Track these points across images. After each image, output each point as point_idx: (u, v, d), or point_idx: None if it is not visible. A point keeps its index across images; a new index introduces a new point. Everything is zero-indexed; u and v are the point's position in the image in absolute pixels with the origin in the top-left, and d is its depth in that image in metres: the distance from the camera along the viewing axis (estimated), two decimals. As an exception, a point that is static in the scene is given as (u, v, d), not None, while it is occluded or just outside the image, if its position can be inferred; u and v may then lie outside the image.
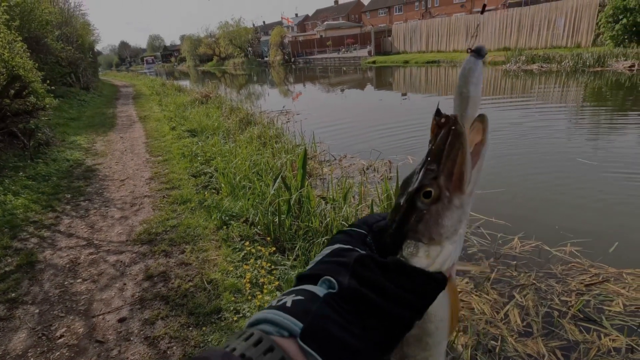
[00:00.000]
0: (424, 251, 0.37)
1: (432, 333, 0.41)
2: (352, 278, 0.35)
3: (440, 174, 0.38)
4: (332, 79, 21.98)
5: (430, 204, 0.38)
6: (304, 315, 0.32)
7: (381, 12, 52.19)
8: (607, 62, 13.44)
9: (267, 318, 0.32)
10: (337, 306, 0.33)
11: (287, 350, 0.30)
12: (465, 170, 0.38)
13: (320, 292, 0.34)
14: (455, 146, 0.38)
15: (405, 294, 0.34)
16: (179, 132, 7.55)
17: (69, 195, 4.64)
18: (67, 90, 13.93)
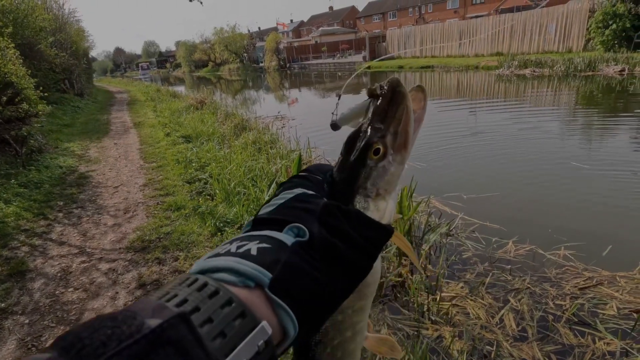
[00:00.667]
0: (373, 206, 0.39)
1: (369, 284, 0.43)
2: (321, 227, 0.34)
3: (387, 133, 0.39)
4: (327, 84, 22.09)
5: (378, 162, 0.39)
6: (274, 265, 0.29)
7: (375, 18, 52.69)
8: (598, 66, 13.64)
9: (230, 266, 0.29)
10: (307, 256, 0.32)
11: (251, 303, 0.27)
12: (409, 130, 0.40)
13: (288, 240, 0.32)
14: (400, 106, 0.40)
15: (366, 243, 0.35)
16: (173, 138, 7.52)
17: (61, 203, 4.59)
18: (60, 96, 13.86)
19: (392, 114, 0.39)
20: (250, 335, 0.25)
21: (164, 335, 0.21)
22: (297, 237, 0.33)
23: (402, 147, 0.40)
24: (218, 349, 0.23)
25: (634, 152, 5.53)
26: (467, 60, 20.83)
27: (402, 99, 0.40)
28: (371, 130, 0.40)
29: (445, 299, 2.61)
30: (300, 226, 0.33)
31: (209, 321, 0.24)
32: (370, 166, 0.39)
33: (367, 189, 0.39)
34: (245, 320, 0.26)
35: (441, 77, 18.28)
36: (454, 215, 3.80)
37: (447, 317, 2.46)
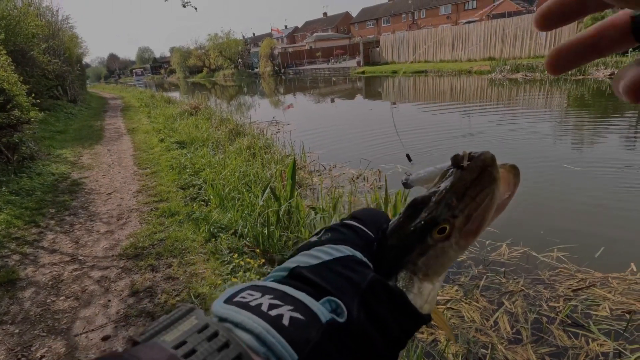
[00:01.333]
0: (417, 287, 0.35)
1: None
2: (361, 308, 0.30)
3: (460, 214, 0.35)
4: (322, 89, 22.17)
5: (439, 241, 0.35)
6: (303, 346, 0.26)
7: (369, 24, 53.19)
8: (588, 70, 13.86)
9: (259, 333, 0.26)
10: (339, 342, 0.29)
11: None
12: (486, 219, 0.35)
13: (323, 316, 0.29)
14: (485, 190, 0.34)
15: (401, 334, 0.32)
16: (167, 144, 7.49)
17: (53, 210, 4.54)
18: (53, 103, 13.77)
19: (472, 195, 0.34)
20: None
21: None
22: (333, 312, 0.30)
23: (470, 234, 0.36)
24: None
25: (625, 154, 5.61)
26: (460, 65, 21.06)
27: (490, 183, 0.34)
28: (443, 206, 0.35)
29: (440, 302, 2.61)
30: (339, 303, 0.30)
31: None
32: (429, 244, 0.35)
33: (417, 265, 0.35)
34: None
35: (435, 81, 18.44)
36: (448, 218, 3.81)
37: (442, 321, 2.46)
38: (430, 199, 0.36)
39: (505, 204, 0.37)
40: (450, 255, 0.36)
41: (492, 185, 0.34)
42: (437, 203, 0.35)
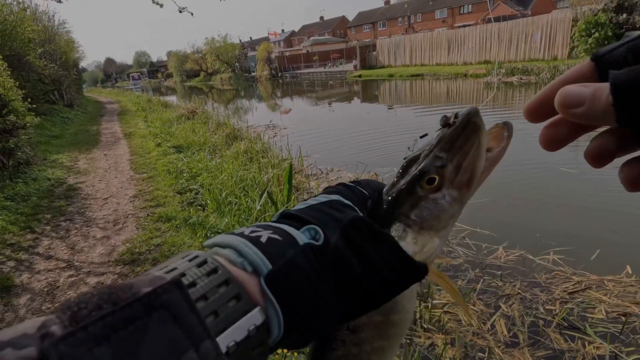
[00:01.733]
0: (411, 238, 0.35)
1: (396, 324, 0.39)
2: (341, 237, 0.32)
3: (449, 164, 0.35)
4: (319, 93, 22.24)
5: (430, 192, 0.35)
6: (277, 258, 0.28)
7: (366, 28, 53.50)
8: (582, 73, 13.98)
9: (235, 245, 0.29)
10: (315, 260, 0.30)
11: (246, 285, 0.27)
12: (476, 168, 0.36)
13: (301, 240, 0.31)
14: (471, 139, 0.35)
15: (387, 273, 0.32)
16: (164, 149, 7.48)
17: (49, 216, 4.52)
18: (49, 107, 13.72)
19: (459, 146, 0.35)
20: (243, 318, 0.25)
21: (158, 299, 0.22)
22: (313, 240, 0.31)
23: (462, 185, 0.36)
24: (210, 326, 0.23)
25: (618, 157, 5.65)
26: (455, 68, 21.20)
27: (475, 130, 0.35)
28: (431, 157, 0.36)
29: (437, 306, 2.62)
30: (318, 229, 0.32)
31: (204, 298, 0.24)
32: (420, 195, 0.35)
33: (409, 218, 0.36)
34: (240, 303, 0.25)
35: (431, 84, 18.55)
36: (444, 222, 3.82)
37: (439, 325, 2.46)
38: (420, 156, 0.37)
39: (498, 156, 0.38)
40: (444, 208, 0.35)
41: (477, 133, 0.35)
42: (425, 157, 0.36)
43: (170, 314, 0.21)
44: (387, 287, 0.32)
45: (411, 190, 0.36)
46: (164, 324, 0.21)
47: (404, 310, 0.38)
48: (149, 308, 0.21)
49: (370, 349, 0.38)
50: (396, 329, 0.39)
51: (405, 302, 0.38)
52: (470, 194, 0.37)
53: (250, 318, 0.25)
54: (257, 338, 0.26)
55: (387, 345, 0.39)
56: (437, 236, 0.36)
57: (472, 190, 0.36)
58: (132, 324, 0.20)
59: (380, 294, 0.32)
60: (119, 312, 0.20)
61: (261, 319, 0.26)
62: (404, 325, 0.39)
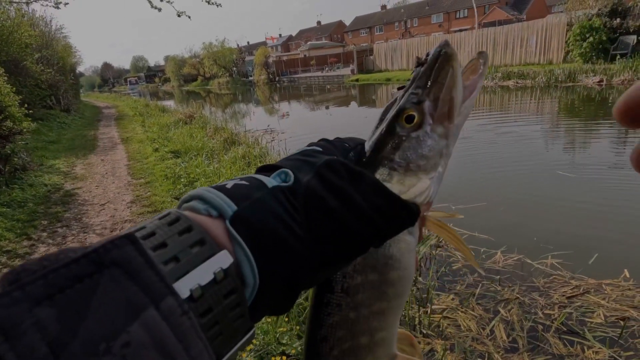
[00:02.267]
0: (397, 179, 0.33)
1: (394, 282, 0.36)
2: (314, 178, 0.30)
3: (426, 98, 0.33)
4: (316, 97, 22.31)
5: (411, 130, 0.33)
6: (243, 200, 0.27)
7: (363, 32, 53.81)
8: (577, 77, 14.09)
9: (199, 194, 0.28)
10: (284, 200, 0.28)
11: (211, 230, 0.25)
12: (454, 96, 0.34)
13: (270, 183, 0.29)
14: (444, 69, 0.33)
15: (371, 210, 0.29)
16: (162, 154, 7.46)
17: (45, 222, 4.49)
18: (46, 112, 13.68)
19: (434, 78, 0.33)
20: (207, 261, 0.24)
21: (108, 255, 0.20)
22: (283, 182, 0.29)
23: (444, 117, 0.34)
24: (168, 273, 0.22)
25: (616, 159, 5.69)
26: (452, 72, 21.32)
27: (447, 60, 0.33)
28: (407, 95, 0.34)
29: (436, 311, 2.61)
30: (288, 172, 0.30)
31: (163, 246, 0.23)
32: (401, 135, 0.33)
33: (393, 160, 0.33)
34: (204, 248, 0.24)
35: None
36: (443, 226, 3.83)
37: (438, 330, 2.46)
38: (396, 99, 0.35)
39: (475, 83, 0.36)
40: (429, 145, 0.34)
41: (449, 62, 0.33)
42: (402, 96, 0.35)
43: (123, 271, 0.20)
44: (373, 227, 0.30)
45: (391, 132, 0.34)
46: (116, 281, 0.19)
47: (401, 266, 0.35)
48: (98, 265, 0.19)
49: (368, 313, 0.36)
50: (395, 288, 0.36)
51: (402, 257, 0.35)
52: (454, 126, 0.35)
53: (216, 260, 0.24)
54: (227, 284, 0.24)
55: (386, 308, 0.37)
56: (426, 176, 0.34)
57: (455, 121, 0.35)
58: (80, 282, 0.19)
59: (365, 234, 0.29)
60: (63, 269, 0.19)
61: (229, 262, 0.24)
62: (403, 284, 0.37)
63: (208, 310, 0.23)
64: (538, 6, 38.64)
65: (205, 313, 0.23)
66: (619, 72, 13.20)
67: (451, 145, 0.35)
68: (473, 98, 0.36)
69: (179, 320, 0.20)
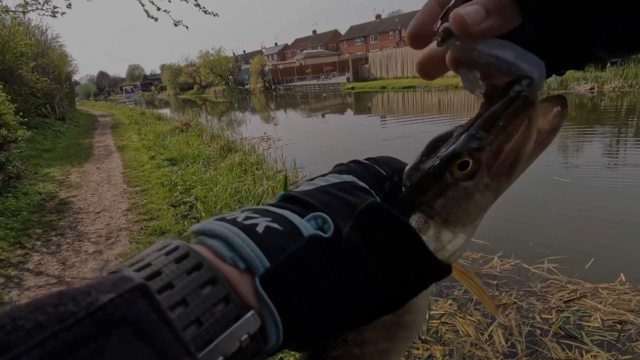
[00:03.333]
0: (434, 232, 0.30)
1: (407, 325, 0.34)
2: (355, 228, 0.26)
3: (487, 146, 0.28)
4: (312, 105, 22.43)
5: (461, 179, 0.29)
6: (276, 253, 0.23)
7: (358, 41, 54.42)
8: (569, 85, 14.34)
9: (225, 236, 0.23)
10: (322, 256, 0.25)
11: (238, 286, 0.22)
12: (522, 154, 0.29)
13: (306, 230, 0.25)
14: (519, 117, 0.28)
15: (408, 271, 0.27)
16: (158, 161, 7.44)
17: (39, 231, 4.44)
18: (41, 121, 13.62)
19: (503, 125, 0.28)
20: (233, 326, 0.21)
21: (118, 312, 0.17)
22: (320, 229, 0.26)
23: (501, 173, 0.30)
24: (190, 340, 0.18)
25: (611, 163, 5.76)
26: (447, 80, 21.58)
27: (525, 107, 0.28)
28: (466, 137, 0.29)
29: (435, 317, 2.61)
30: (326, 218, 0.26)
31: (183, 303, 0.19)
32: (448, 182, 0.29)
33: (433, 208, 0.30)
34: (229, 307, 0.21)
35: (423, 96, 18.83)
36: (440, 232, 3.84)
37: (437, 336, 2.45)
38: (452, 134, 0.31)
39: (548, 140, 0.31)
40: (476, 200, 0.30)
41: (528, 110, 0.28)
42: (459, 135, 0.29)
43: (134, 331, 0.17)
44: (405, 286, 0.27)
45: (438, 175, 0.29)
46: (126, 344, 0.16)
47: (417, 310, 0.34)
48: (106, 325, 0.16)
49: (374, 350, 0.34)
50: (406, 332, 0.34)
51: (419, 301, 0.33)
52: (508, 184, 0.31)
53: (243, 325, 0.21)
54: (251, 349, 0.21)
55: (393, 348, 0.35)
56: (463, 231, 0.31)
57: (511, 180, 0.31)
58: (84, 347, 0.16)
59: (397, 294, 0.27)
60: (63, 333, 0.16)
61: (256, 326, 0.21)
62: (415, 328, 0.35)
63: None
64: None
65: None
66: (610, 80, 13.46)
67: (496, 200, 0.32)
68: (537, 156, 0.31)
69: None
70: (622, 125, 8.48)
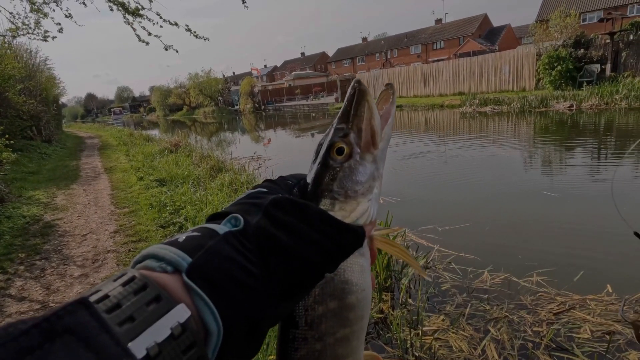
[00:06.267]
0: (339, 207, 0.37)
1: (354, 306, 0.37)
2: (263, 217, 0.31)
3: (350, 131, 0.38)
4: (302, 125, 22.67)
5: (343, 161, 0.38)
6: (196, 251, 0.28)
7: (345, 62, 55.76)
8: (549, 103, 14.87)
9: (152, 252, 0.28)
10: (237, 243, 0.29)
11: (168, 286, 0.25)
12: (374, 125, 0.39)
13: (222, 230, 0.30)
14: (361, 103, 0.39)
15: (320, 237, 0.31)
16: (146, 182, 7.37)
17: (23, 255, 4.31)
18: (27, 143, 13.42)
19: (354, 113, 0.38)
20: (163, 317, 0.23)
21: (60, 323, 0.19)
22: (234, 228, 0.31)
23: (369, 145, 0.39)
24: (124, 334, 0.21)
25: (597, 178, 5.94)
26: (432, 99, 22.16)
27: (362, 96, 0.39)
28: (334, 131, 0.39)
29: (428, 333, 2.60)
30: (238, 216, 0.31)
31: (117, 307, 0.22)
32: (335, 167, 0.38)
33: (333, 190, 0.37)
34: (160, 304, 0.24)
35: (410, 115, 19.26)
36: (430, 247, 3.87)
37: (430, 352, 2.44)
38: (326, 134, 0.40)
39: (389, 111, 0.42)
40: (361, 171, 0.38)
41: (364, 96, 0.39)
42: (328, 133, 0.39)
43: (77, 338, 0.19)
44: (325, 254, 0.32)
45: (326, 165, 0.38)
46: (70, 350, 0.18)
47: (358, 288, 0.37)
48: (50, 334, 0.19)
49: (333, 341, 0.37)
50: (355, 312, 0.38)
51: (358, 279, 0.37)
52: (379, 151, 0.39)
53: (172, 315, 0.24)
54: (185, 338, 0.24)
55: (350, 333, 0.38)
56: (365, 199, 0.38)
57: (380, 147, 0.39)
58: (30, 354, 0.17)
59: (319, 261, 0.31)
60: (11, 343, 0.18)
61: (186, 315, 0.24)
62: (362, 307, 0.38)
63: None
64: (508, 38, 41.15)
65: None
66: (587, 98, 14.02)
67: (381, 168, 0.40)
68: (390, 124, 0.41)
69: None
70: (602, 141, 8.79)
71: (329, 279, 0.36)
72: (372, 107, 0.39)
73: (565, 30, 20.62)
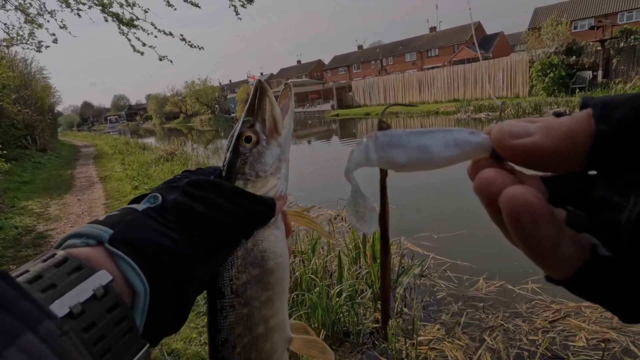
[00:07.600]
0: (251, 185, 0.43)
1: (273, 270, 0.43)
2: (180, 195, 0.35)
3: (255, 122, 0.45)
4: (298, 132, 22.73)
5: (252, 147, 0.44)
6: (116, 224, 0.30)
7: (341, 70, 56.19)
8: (542, 109, 15.04)
9: (74, 232, 0.30)
10: (156, 216, 0.32)
11: (90, 257, 0.27)
12: (275, 115, 0.45)
13: (140, 207, 0.34)
14: (263, 99, 0.45)
15: (233, 207, 0.36)
16: (141, 191, 7.32)
17: (14, 266, 4.24)
18: (21, 152, 13.34)
19: (257, 106, 0.45)
20: (85, 281, 0.25)
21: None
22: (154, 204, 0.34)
23: (272, 132, 0.45)
24: (45, 298, 0.23)
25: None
26: (427, 106, 22.34)
27: (263, 92, 0.46)
28: (241, 122, 0.45)
29: (423, 342, 2.58)
30: (156, 195, 0.35)
31: (38, 278, 0.24)
32: (245, 153, 0.44)
33: (245, 173, 0.43)
34: (82, 272, 0.26)
35: (406, 121, 19.38)
36: (425, 255, 3.86)
37: (426, 363, 2.41)
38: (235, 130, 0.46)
39: (288, 104, 0.49)
40: (268, 154, 0.44)
41: (265, 93, 0.45)
42: (237, 125, 0.46)
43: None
44: (240, 220, 0.36)
45: (237, 152, 0.44)
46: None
47: (275, 255, 0.43)
48: None
49: (259, 304, 0.42)
50: (275, 276, 0.43)
51: (274, 247, 0.43)
52: (283, 137, 0.46)
53: (94, 279, 0.26)
54: (109, 299, 0.26)
55: (273, 295, 0.43)
56: (274, 177, 0.45)
57: (282, 133, 0.46)
58: None
59: (234, 227, 0.36)
60: None
61: (108, 279, 0.26)
62: (281, 271, 0.44)
63: (91, 324, 0.24)
64: (502, 45, 41.69)
65: (88, 328, 0.24)
66: (580, 104, 14.20)
67: (286, 152, 0.47)
68: (290, 115, 0.48)
69: (59, 341, 0.21)
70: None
71: (249, 250, 0.41)
72: (272, 101, 0.46)
73: (557, 38, 20.93)
